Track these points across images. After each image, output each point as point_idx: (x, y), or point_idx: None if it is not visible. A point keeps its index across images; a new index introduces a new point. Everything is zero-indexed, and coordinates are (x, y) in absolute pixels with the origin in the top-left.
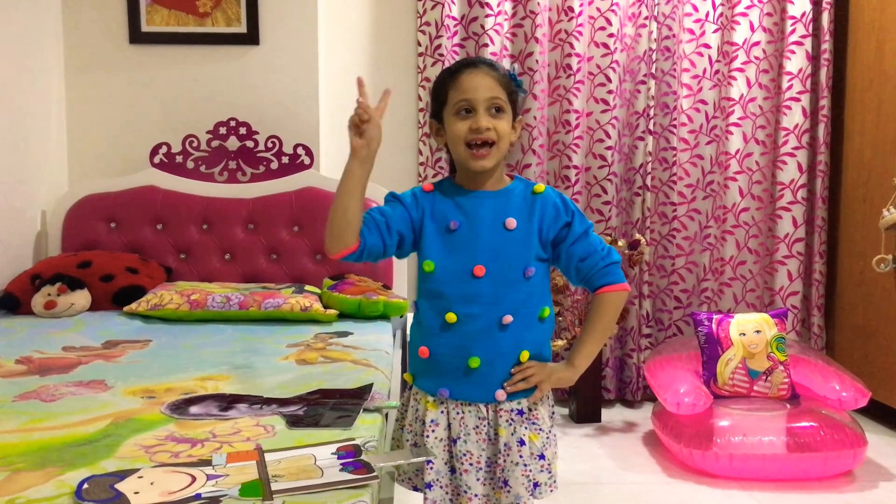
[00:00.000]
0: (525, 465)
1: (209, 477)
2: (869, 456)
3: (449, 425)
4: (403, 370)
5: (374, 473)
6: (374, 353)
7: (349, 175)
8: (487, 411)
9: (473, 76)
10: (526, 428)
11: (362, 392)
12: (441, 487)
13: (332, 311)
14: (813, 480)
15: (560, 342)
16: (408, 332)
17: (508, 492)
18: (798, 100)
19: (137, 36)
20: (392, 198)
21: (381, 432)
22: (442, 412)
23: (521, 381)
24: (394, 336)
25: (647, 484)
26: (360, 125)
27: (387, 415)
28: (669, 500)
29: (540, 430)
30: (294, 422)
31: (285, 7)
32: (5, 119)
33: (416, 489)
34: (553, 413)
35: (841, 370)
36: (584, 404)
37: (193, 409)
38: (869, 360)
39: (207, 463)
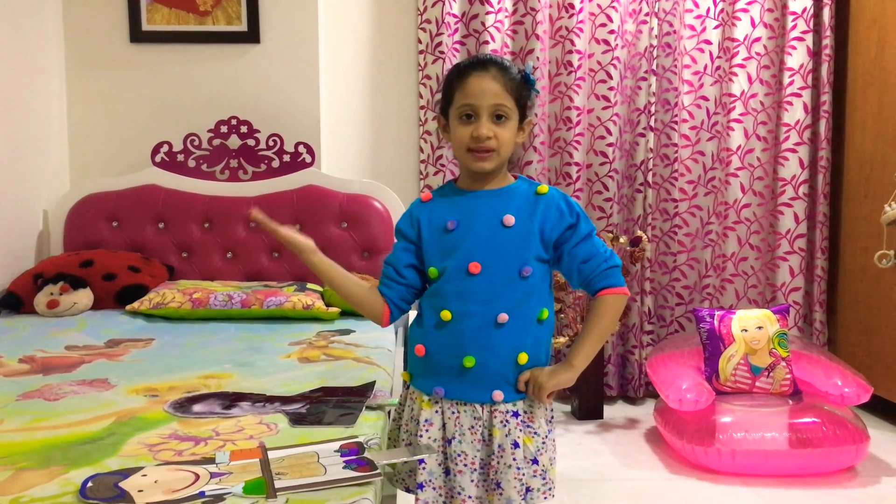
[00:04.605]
0: (518, 468)
1: (213, 475)
2: (871, 451)
3: (444, 425)
4: (405, 368)
5: (377, 471)
6: (376, 351)
7: (316, 270)
8: (483, 411)
9: (480, 80)
10: (521, 430)
11: (365, 390)
12: (434, 489)
13: (335, 309)
14: (815, 476)
15: (562, 339)
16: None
17: (501, 494)
18: (799, 96)
19: (138, 35)
20: (396, 232)
21: (384, 430)
22: (437, 412)
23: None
24: (396, 334)
25: (650, 480)
26: (283, 240)
27: (389, 412)
28: (672, 496)
29: (535, 433)
30: (297, 420)
31: (286, 5)
32: (6, 119)
33: (408, 490)
34: (552, 418)
35: (843, 366)
36: (586, 401)
37: (196, 408)
38: (871, 356)
39: (211, 461)
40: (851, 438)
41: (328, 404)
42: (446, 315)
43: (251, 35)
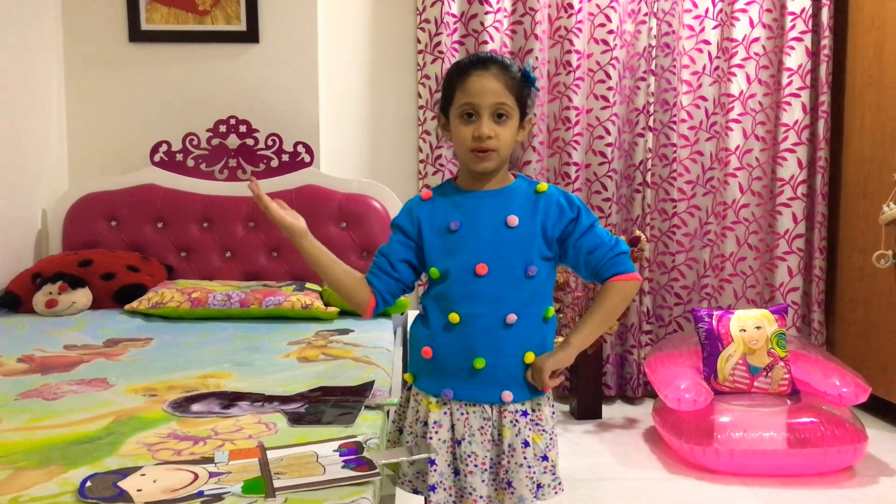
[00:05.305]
0: (529, 467)
1: (211, 474)
2: (869, 451)
3: (453, 426)
4: (404, 368)
5: (376, 470)
6: (374, 351)
7: (305, 253)
8: (492, 412)
9: (481, 79)
10: (530, 429)
11: (363, 389)
12: (444, 490)
13: (333, 309)
14: (813, 476)
15: (560, 339)
16: (408, 330)
17: (512, 493)
18: (798, 96)
19: (137, 34)
20: (393, 226)
21: (383, 429)
22: (445, 413)
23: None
24: (394, 333)
25: (648, 480)
26: (274, 219)
27: (388, 412)
28: (670, 496)
29: (543, 430)
30: (296, 419)
31: (285, 5)
32: (5, 118)
33: (416, 492)
34: (554, 414)
35: (841, 366)
36: (584, 401)
37: (195, 407)
38: (869, 356)
39: (210, 460)
40: (850, 438)
41: (327, 404)
42: (455, 318)
43: (250, 34)
